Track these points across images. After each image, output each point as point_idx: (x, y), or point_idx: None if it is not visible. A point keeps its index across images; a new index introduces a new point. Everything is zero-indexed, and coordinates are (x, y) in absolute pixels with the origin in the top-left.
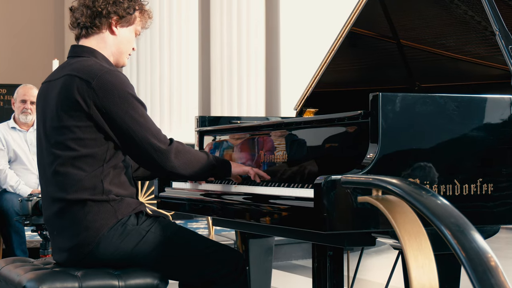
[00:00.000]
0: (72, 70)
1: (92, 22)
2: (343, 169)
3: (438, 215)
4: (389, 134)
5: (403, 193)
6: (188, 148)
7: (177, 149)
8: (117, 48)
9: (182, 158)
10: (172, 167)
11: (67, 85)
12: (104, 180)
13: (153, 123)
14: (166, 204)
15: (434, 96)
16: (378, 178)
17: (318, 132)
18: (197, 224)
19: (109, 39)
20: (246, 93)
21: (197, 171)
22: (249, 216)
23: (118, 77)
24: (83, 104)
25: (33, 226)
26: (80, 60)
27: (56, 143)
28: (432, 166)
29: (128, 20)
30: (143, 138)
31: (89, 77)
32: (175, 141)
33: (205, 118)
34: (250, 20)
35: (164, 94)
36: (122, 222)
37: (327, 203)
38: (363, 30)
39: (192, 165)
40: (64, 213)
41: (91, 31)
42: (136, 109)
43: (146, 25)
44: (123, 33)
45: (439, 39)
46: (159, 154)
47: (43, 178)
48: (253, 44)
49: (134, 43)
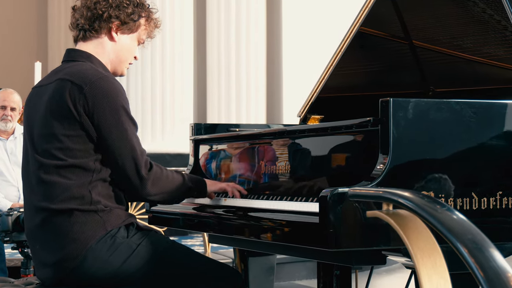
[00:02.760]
0: (65, 74)
1: (91, 25)
2: (350, 181)
3: (454, 231)
4: (400, 143)
5: (416, 207)
6: (165, 173)
7: (156, 175)
8: (116, 55)
9: (158, 185)
10: (147, 195)
11: (59, 89)
12: (92, 190)
13: (139, 144)
14: (158, 219)
15: (450, 102)
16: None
17: (323, 141)
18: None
19: (107, 45)
20: (245, 98)
21: (171, 196)
22: (249, 232)
23: (113, 85)
24: (74, 112)
25: (14, 243)
26: (75, 64)
27: (43, 151)
28: (447, 178)
29: (131, 27)
30: (126, 157)
31: (82, 82)
32: (154, 167)
33: (200, 125)
34: (250, 17)
35: (156, 99)
36: (112, 234)
37: (334, 218)
38: (373, 30)
39: (167, 192)
40: (48, 224)
41: (89, 35)
42: (124, 124)
43: (152, 35)
44: (123, 40)
45: (455, 40)
46: (137, 180)
47: (27, 186)
48: (253, 44)
49: (136, 52)
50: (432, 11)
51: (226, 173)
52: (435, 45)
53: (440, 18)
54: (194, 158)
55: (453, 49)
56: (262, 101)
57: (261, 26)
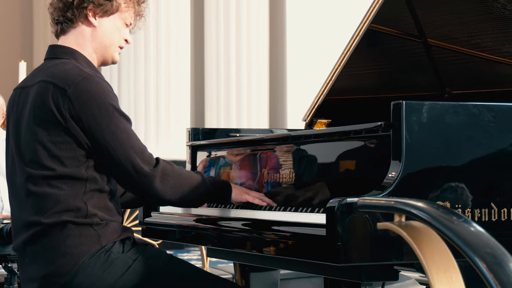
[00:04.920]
0: (47, 76)
1: (65, 15)
2: (360, 190)
3: (471, 245)
4: (414, 149)
5: (430, 218)
6: (178, 169)
7: (164, 171)
8: (100, 42)
9: (169, 182)
10: (156, 193)
11: (42, 93)
12: (88, 202)
13: (138, 140)
14: (152, 231)
15: (467, 105)
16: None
17: (330, 147)
18: (189, 255)
19: (87, 33)
20: (246, 100)
21: (188, 197)
22: (250, 246)
23: (99, 85)
24: (59, 116)
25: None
26: (57, 63)
27: (30, 161)
28: (464, 187)
29: (108, 8)
30: (124, 157)
31: (65, 84)
32: (162, 162)
33: (198, 130)
34: (251, 14)
35: (150, 101)
36: (106, 249)
37: (342, 230)
38: (384, 27)
39: (182, 191)
40: (38, 239)
41: (66, 27)
42: (118, 123)
43: (140, 13)
44: (104, 24)
45: (473, 38)
46: (142, 177)
47: (16, 200)
48: (255, 42)
49: (125, 35)
50: (448, 7)
51: None
52: (451, 44)
53: (457, 14)
54: (191, 166)
55: (471, 48)
56: (264, 104)
57: (263, 22)
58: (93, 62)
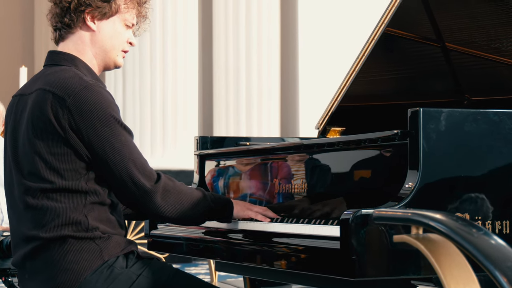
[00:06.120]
0: (46, 84)
1: (62, 21)
2: (375, 201)
3: (492, 258)
4: (432, 158)
5: (449, 231)
6: (179, 185)
7: (165, 187)
8: (100, 47)
9: (170, 199)
10: (156, 210)
11: (40, 102)
12: (88, 215)
13: (139, 154)
14: (159, 244)
15: (487, 112)
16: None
17: (345, 156)
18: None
19: (86, 39)
20: (256, 108)
21: (189, 215)
22: (261, 259)
23: (100, 95)
24: (57, 127)
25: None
26: (57, 70)
27: (29, 173)
28: (484, 198)
29: (107, 10)
30: (124, 172)
31: (64, 94)
32: (163, 177)
33: (206, 138)
34: (261, 17)
35: (156, 109)
36: (109, 264)
37: (357, 243)
38: (400, 31)
39: (183, 208)
40: (38, 254)
41: (64, 32)
42: (118, 136)
43: (142, 12)
44: (104, 27)
45: (494, 42)
46: (142, 193)
47: (15, 213)
48: (265, 47)
49: (128, 37)
50: (467, 10)
51: (235, 192)
52: (470, 48)
53: (476, 17)
54: (199, 176)
55: (491, 52)
56: (275, 111)
57: (274, 26)
58: (94, 68)
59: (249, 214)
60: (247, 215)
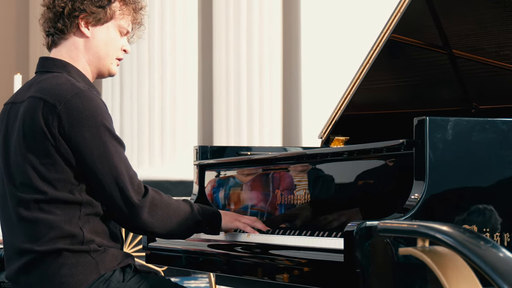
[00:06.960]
0: (38, 91)
1: (55, 26)
2: (380, 213)
3: (500, 272)
4: (438, 169)
5: (456, 243)
6: (166, 199)
7: (153, 202)
8: (94, 53)
9: (158, 213)
10: (143, 225)
11: (31, 110)
12: (84, 227)
13: (128, 166)
14: (157, 257)
15: (496, 121)
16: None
17: (349, 166)
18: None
19: (79, 45)
20: (258, 116)
21: (176, 229)
22: (262, 273)
23: (92, 102)
24: (48, 135)
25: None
26: (49, 77)
27: (21, 184)
28: (493, 210)
29: (101, 16)
30: (112, 184)
31: (55, 101)
32: (150, 191)
33: (206, 148)
34: (263, 22)
35: (154, 117)
36: (105, 278)
37: (361, 256)
38: (406, 37)
39: (170, 222)
40: (32, 268)
41: (57, 38)
42: (108, 146)
43: (138, 20)
44: (98, 34)
45: (502, 49)
46: (129, 208)
47: (7, 224)
48: (267, 55)
49: (123, 44)
50: (475, 15)
51: (236, 203)
52: (478, 55)
53: (484, 24)
54: (199, 186)
55: (499, 59)
56: (277, 119)
57: (275, 30)
58: (87, 75)
59: (237, 225)
60: (235, 226)
